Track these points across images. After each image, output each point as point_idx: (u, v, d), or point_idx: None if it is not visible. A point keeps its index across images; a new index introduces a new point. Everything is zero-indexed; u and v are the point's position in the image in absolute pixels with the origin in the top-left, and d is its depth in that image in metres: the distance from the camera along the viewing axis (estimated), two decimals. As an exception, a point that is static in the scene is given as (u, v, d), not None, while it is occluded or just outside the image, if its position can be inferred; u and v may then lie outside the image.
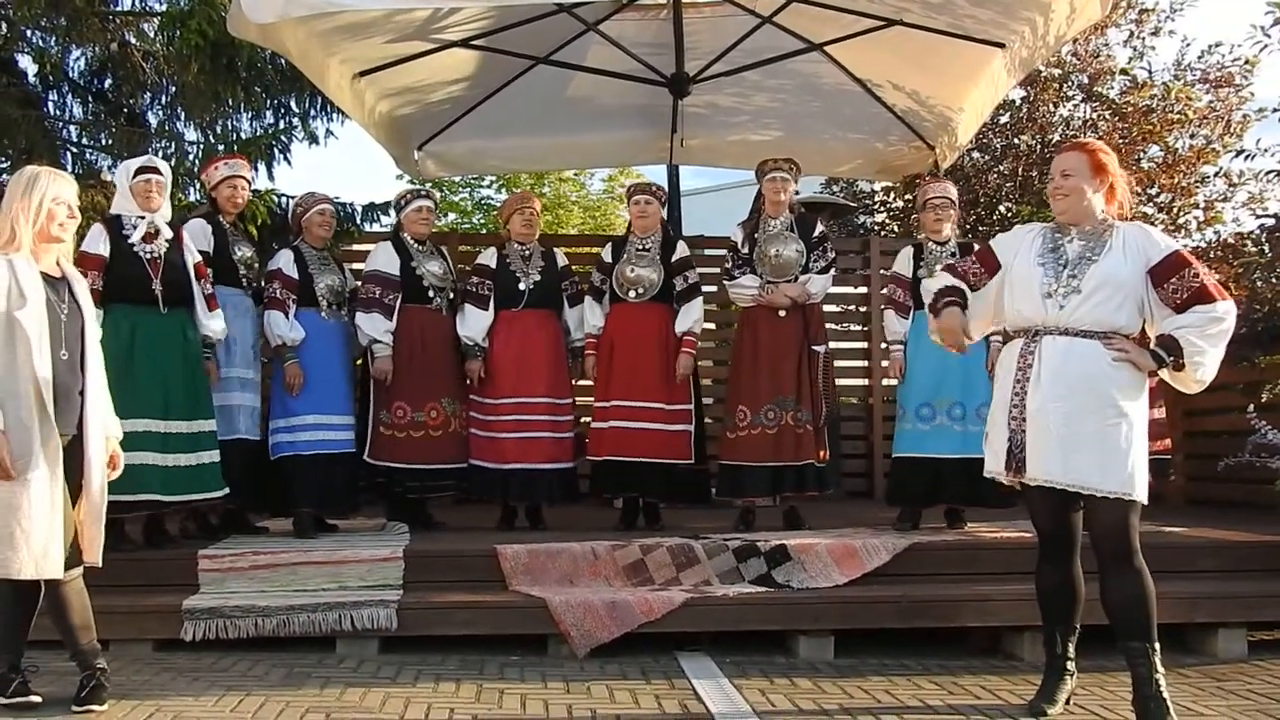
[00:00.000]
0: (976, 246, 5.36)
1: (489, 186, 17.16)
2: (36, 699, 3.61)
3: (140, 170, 4.90)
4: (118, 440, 3.79)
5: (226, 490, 5.07)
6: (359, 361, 5.83)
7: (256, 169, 7.31)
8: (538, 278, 5.88)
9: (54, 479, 3.47)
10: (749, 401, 5.62)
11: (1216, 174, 10.29)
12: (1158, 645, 3.48)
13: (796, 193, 5.97)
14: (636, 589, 4.70)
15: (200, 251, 5.16)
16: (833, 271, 5.80)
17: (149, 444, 4.76)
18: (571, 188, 18.36)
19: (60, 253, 3.67)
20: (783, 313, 5.64)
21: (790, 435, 5.53)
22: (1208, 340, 3.47)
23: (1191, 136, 10.21)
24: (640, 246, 5.85)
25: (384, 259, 5.77)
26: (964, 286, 3.79)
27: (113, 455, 3.75)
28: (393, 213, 6.41)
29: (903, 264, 5.70)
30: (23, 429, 3.41)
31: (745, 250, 5.74)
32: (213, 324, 5.08)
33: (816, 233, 5.77)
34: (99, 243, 4.82)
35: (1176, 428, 7.54)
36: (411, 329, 5.72)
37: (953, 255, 5.48)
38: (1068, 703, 3.73)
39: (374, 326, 5.62)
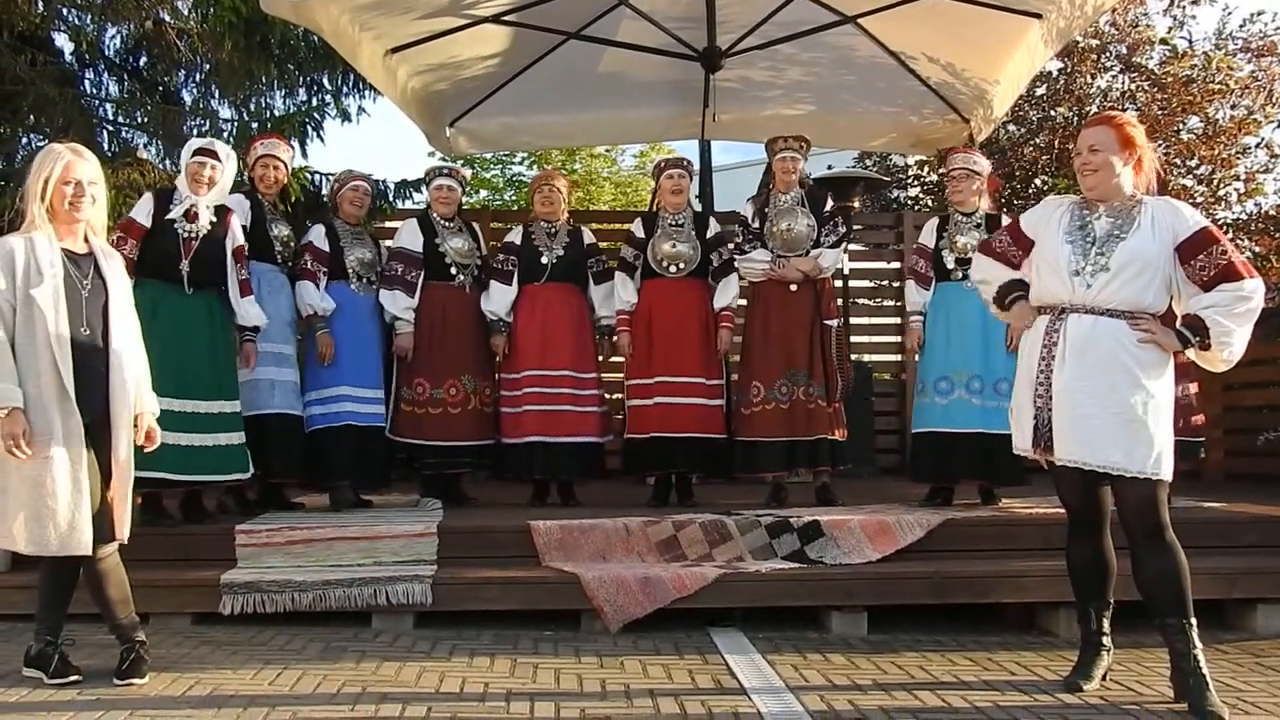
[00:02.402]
0: (1004, 218, 5.33)
1: (520, 163, 17.19)
2: (77, 677, 3.65)
3: (197, 151, 4.96)
4: (153, 415, 3.81)
5: (250, 473, 5.09)
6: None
7: (292, 146, 7.35)
8: (561, 253, 5.87)
9: (77, 456, 3.48)
10: (761, 377, 5.62)
11: (1258, 145, 10.17)
12: (1194, 621, 3.45)
13: (809, 175, 5.94)
14: (669, 565, 4.71)
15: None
16: (844, 245, 5.79)
17: (161, 422, 4.78)
18: (603, 164, 18.34)
19: (90, 228, 3.69)
20: (794, 287, 5.64)
21: (802, 410, 5.55)
22: (1234, 320, 3.41)
23: (1233, 107, 10.08)
24: (673, 222, 5.84)
25: (408, 236, 5.80)
26: (1019, 275, 3.74)
27: (148, 430, 3.78)
28: (423, 189, 6.44)
29: (927, 235, 5.69)
30: (42, 407, 3.44)
31: (756, 225, 5.74)
32: (247, 311, 5.11)
33: (827, 207, 5.77)
34: (143, 213, 4.89)
35: (1215, 402, 7.46)
36: (433, 306, 5.75)
37: (977, 226, 5.46)
38: (1104, 678, 3.70)
39: (395, 303, 5.66)
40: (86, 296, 3.58)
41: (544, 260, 5.84)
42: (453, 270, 5.80)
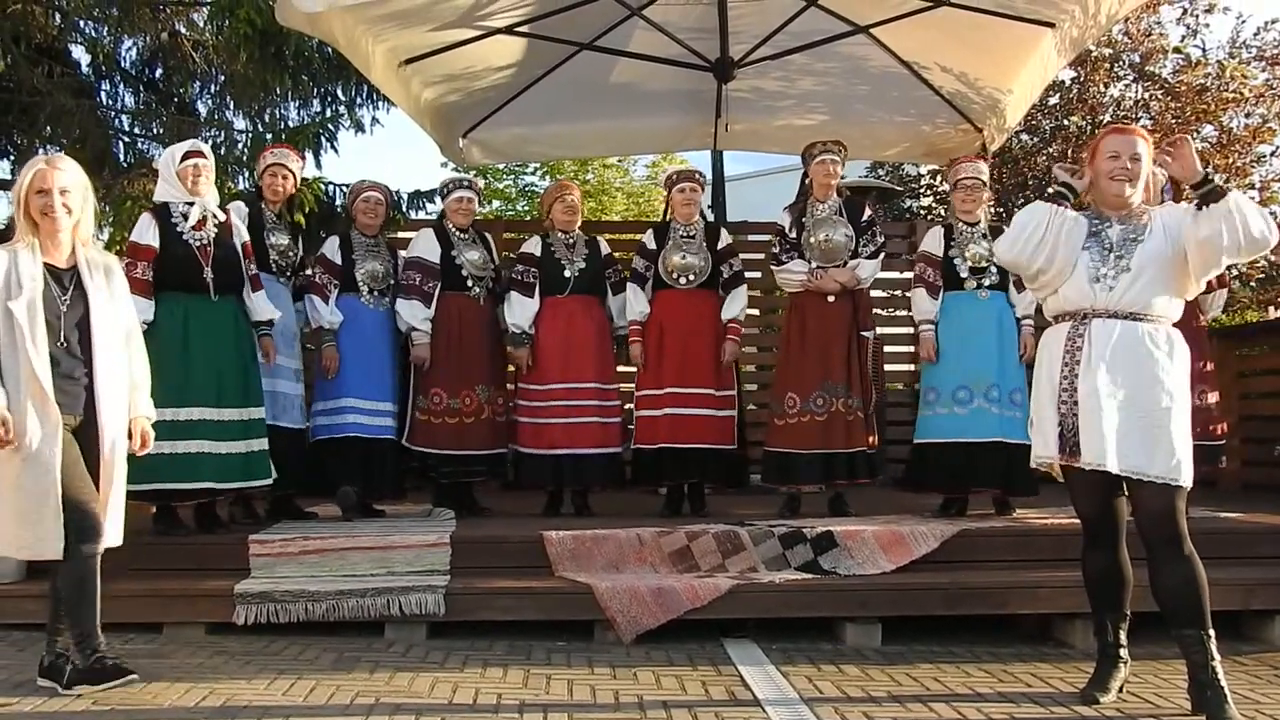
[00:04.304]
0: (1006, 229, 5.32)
1: (533, 173, 17.24)
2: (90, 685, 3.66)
3: (187, 154, 4.97)
4: (148, 420, 3.83)
5: (273, 478, 5.12)
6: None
7: (304, 157, 7.39)
8: (583, 265, 5.89)
9: (50, 460, 3.49)
10: (798, 388, 5.58)
11: (1272, 153, 10.13)
12: (1212, 632, 3.42)
13: (842, 176, 5.92)
14: (682, 575, 4.70)
15: None
16: (882, 256, 5.75)
17: (204, 432, 4.83)
18: (615, 174, 18.38)
19: (79, 241, 3.69)
20: (831, 298, 5.60)
21: (840, 422, 5.50)
22: (1248, 206, 3.39)
23: (1247, 115, 10.06)
24: (684, 233, 5.83)
25: (425, 246, 5.82)
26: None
27: (143, 434, 3.80)
28: (437, 200, 6.46)
29: (933, 243, 5.64)
30: (21, 408, 3.47)
31: (793, 235, 5.70)
32: (260, 306, 5.13)
33: (865, 217, 5.72)
34: (149, 233, 4.87)
35: (1232, 411, 7.42)
36: (449, 317, 5.76)
37: (984, 236, 5.44)
38: (1121, 690, 3.68)
39: (412, 314, 5.67)
40: (64, 311, 3.59)
41: (567, 273, 5.85)
42: (468, 282, 5.81)
